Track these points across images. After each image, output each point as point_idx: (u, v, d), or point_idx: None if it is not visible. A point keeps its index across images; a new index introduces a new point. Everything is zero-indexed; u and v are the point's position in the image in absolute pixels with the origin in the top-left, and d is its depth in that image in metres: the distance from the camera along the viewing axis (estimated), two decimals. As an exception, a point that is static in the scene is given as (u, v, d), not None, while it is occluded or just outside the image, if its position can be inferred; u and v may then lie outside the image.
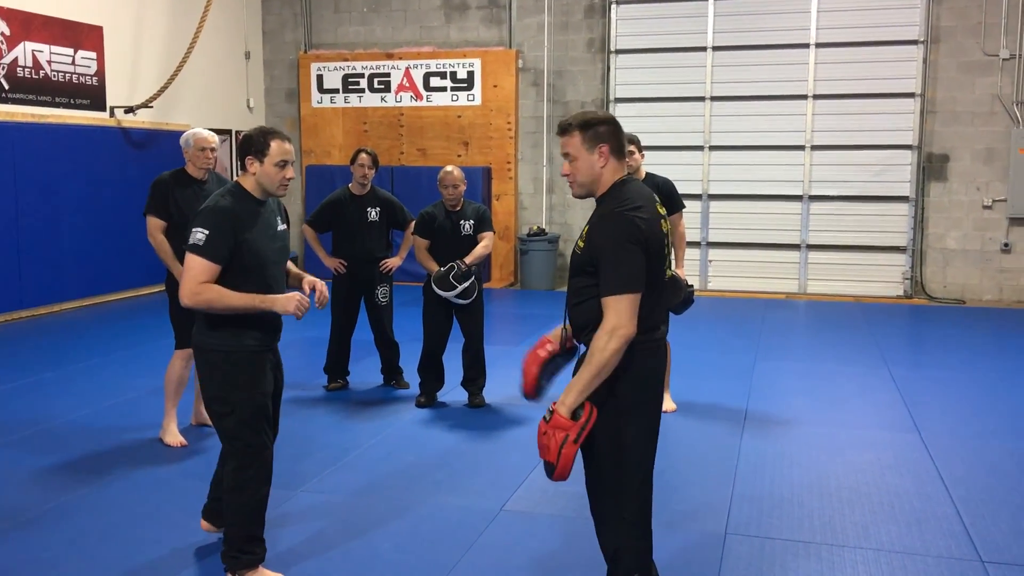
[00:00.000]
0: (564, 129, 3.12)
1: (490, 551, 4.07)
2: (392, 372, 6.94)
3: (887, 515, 4.50)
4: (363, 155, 6.67)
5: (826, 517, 4.47)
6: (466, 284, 6.03)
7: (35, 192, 9.69)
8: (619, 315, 2.91)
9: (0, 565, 3.89)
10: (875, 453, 5.44)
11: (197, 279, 3.49)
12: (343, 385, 6.88)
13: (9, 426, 5.85)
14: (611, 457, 3.10)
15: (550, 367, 3.34)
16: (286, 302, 3.61)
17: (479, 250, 6.25)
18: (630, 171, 6.03)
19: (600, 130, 3.06)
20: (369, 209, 6.72)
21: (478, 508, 4.54)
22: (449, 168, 6.31)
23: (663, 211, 3.17)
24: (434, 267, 6.18)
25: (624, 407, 3.05)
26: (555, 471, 2.99)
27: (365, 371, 7.17)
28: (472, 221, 6.32)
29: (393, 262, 6.82)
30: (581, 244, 3.10)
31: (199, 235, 3.49)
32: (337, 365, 6.86)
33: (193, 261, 3.50)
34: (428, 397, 6.44)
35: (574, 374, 3.16)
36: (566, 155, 3.12)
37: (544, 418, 3.04)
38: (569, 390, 2.98)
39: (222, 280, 3.52)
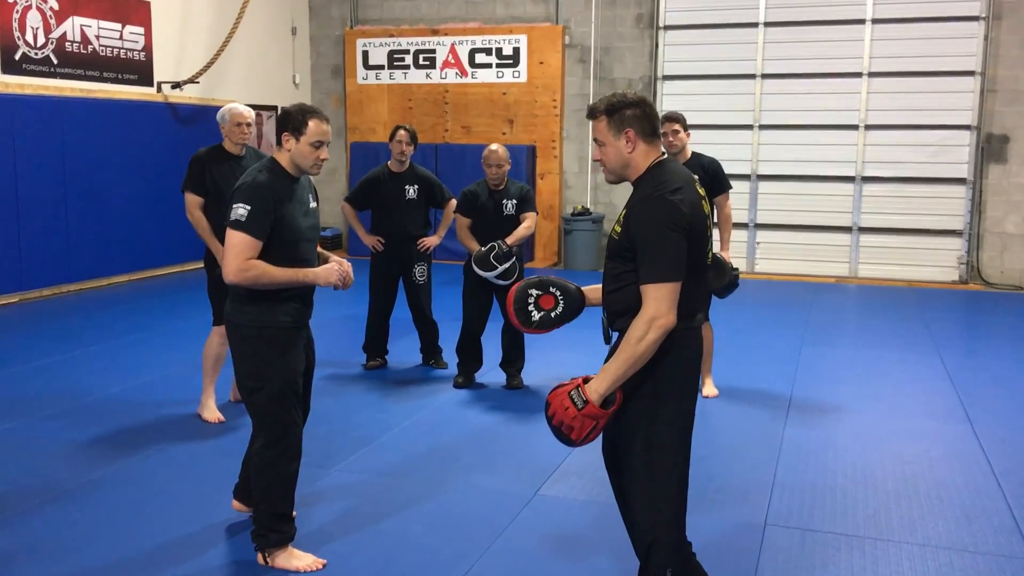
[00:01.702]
0: (591, 114, 3.03)
1: (523, 536, 4.00)
2: (431, 352, 6.89)
3: (935, 509, 4.34)
4: (401, 131, 6.60)
5: (871, 510, 4.33)
6: (507, 265, 5.94)
7: (83, 167, 9.79)
8: (658, 304, 2.81)
9: (33, 538, 3.92)
10: (924, 444, 5.26)
11: (242, 255, 3.46)
12: (381, 364, 6.85)
13: (52, 399, 5.92)
14: (647, 448, 3.00)
15: (537, 289, 3.26)
16: (327, 274, 3.61)
17: (521, 231, 6.15)
18: (675, 151, 5.94)
19: (627, 114, 2.94)
20: (407, 187, 6.66)
21: (512, 492, 4.47)
22: (494, 147, 6.20)
23: (703, 192, 3.04)
24: (475, 246, 6.10)
25: (661, 396, 2.95)
26: (575, 445, 3.00)
27: (404, 350, 7.14)
28: (515, 201, 6.22)
29: (431, 240, 6.76)
30: (618, 229, 2.99)
31: (241, 211, 3.45)
32: (376, 344, 6.83)
33: (236, 237, 3.46)
34: (466, 378, 6.38)
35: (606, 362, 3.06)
36: (595, 140, 3.03)
37: (574, 402, 2.94)
38: (603, 378, 2.89)
39: (259, 256, 3.49)
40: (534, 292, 3.27)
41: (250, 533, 3.75)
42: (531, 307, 3.28)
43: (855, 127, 11.48)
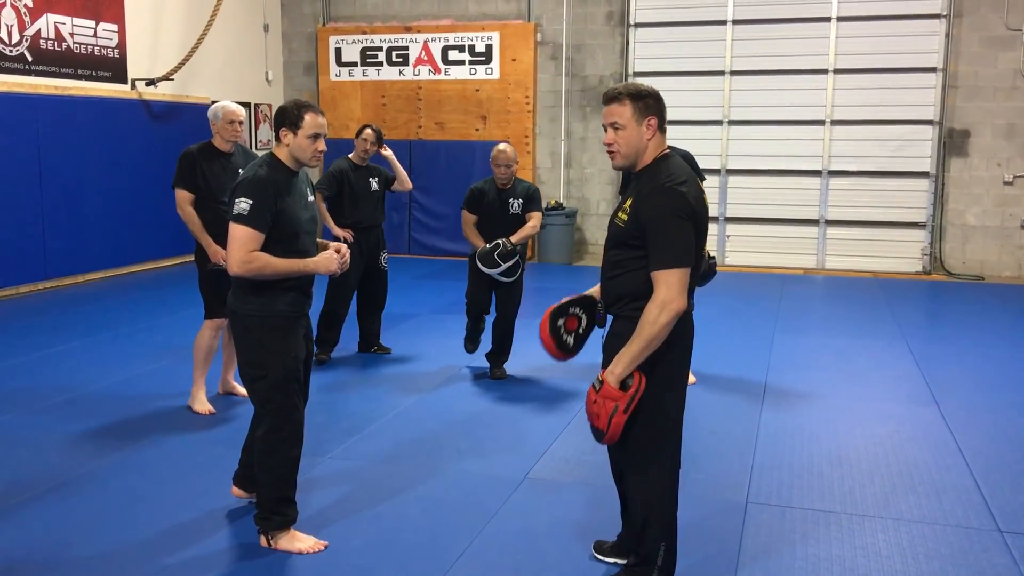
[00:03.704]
0: (614, 97, 3.07)
1: (516, 517, 4.15)
2: (375, 339, 7.10)
3: (906, 486, 4.55)
4: (368, 131, 6.81)
5: (846, 487, 4.53)
6: (510, 263, 6.09)
7: (58, 164, 9.78)
8: (670, 289, 2.95)
9: (37, 527, 4.00)
10: (894, 426, 5.49)
11: (245, 248, 3.57)
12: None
13: (40, 393, 5.96)
14: (650, 426, 3.16)
15: (560, 317, 3.34)
16: (327, 263, 3.75)
17: (526, 229, 6.27)
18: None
19: (650, 102, 3.06)
20: (371, 179, 6.90)
21: (503, 476, 4.62)
22: (502, 146, 6.31)
23: (703, 186, 3.20)
24: (480, 243, 6.23)
25: (664, 377, 3.11)
26: (605, 437, 3.10)
27: (389, 340, 7.24)
28: (521, 200, 6.34)
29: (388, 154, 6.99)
30: (623, 217, 3.10)
31: (244, 204, 3.56)
32: (332, 339, 6.89)
33: (239, 231, 3.57)
34: (475, 343, 6.66)
35: (604, 345, 3.22)
36: (612, 124, 3.08)
37: (594, 387, 3.10)
38: (618, 360, 3.03)
39: (261, 249, 3.61)
40: (560, 321, 3.36)
41: (253, 517, 3.86)
42: (564, 335, 3.35)
43: (821, 122, 11.75)
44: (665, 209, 2.98)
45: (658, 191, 3.02)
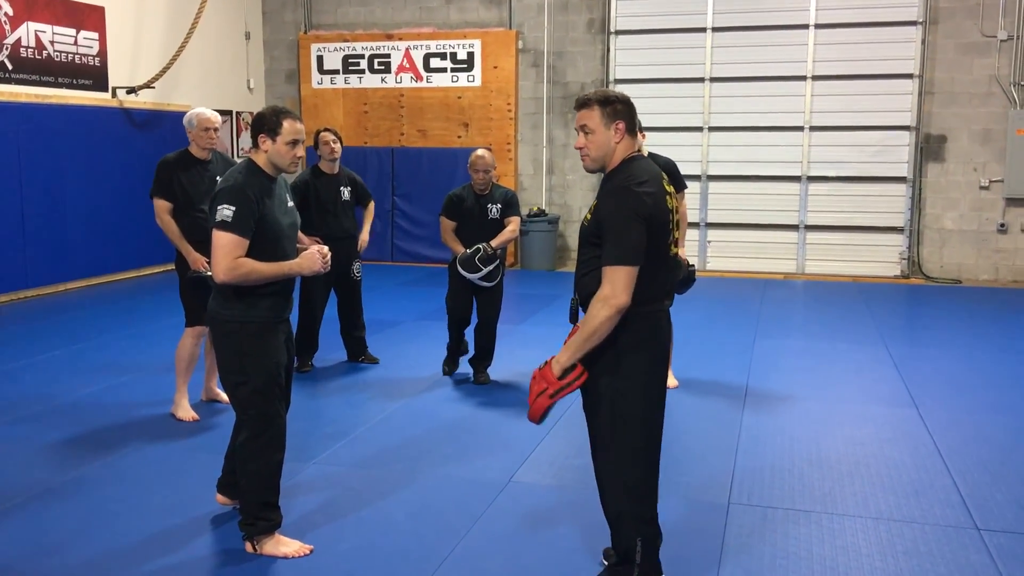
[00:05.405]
0: (584, 103, 3.21)
1: (500, 519, 4.17)
2: (362, 349, 7.05)
3: (886, 486, 4.61)
4: (325, 133, 6.73)
5: (826, 488, 4.58)
6: (491, 267, 6.12)
7: (39, 172, 9.74)
8: (614, 285, 3.04)
9: (20, 535, 3.98)
10: (874, 427, 5.55)
11: (231, 255, 3.58)
12: (311, 368, 6.86)
13: (23, 402, 5.94)
14: (611, 422, 3.24)
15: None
16: (311, 263, 3.78)
17: (506, 234, 6.29)
18: (634, 151, 6.18)
19: (618, 107, 3.18)
20: (343, 188, 6.79)
21: (487, 479, 4.64)
22: (480, 152, 6.33)
23: (670, 188, 3.26)
24: (460, 249, 6.25)
25: (626, 374, 3.18)
26: (530, 414, 3.25)
27: (373, 347, 7.25)
28: (499, 205, 6.36)
29: (365, 238, 6.91)
30: (588, 217, 3.22)
31: (226, 212, 3.57)
32: (311, 347, 6.85)
33: (224, 238, 3.58)
34: (454, 364, 6.70)
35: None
36: (583, 128, 3.21)
37: (539, 366, 3.24)
38: (564, 349, 3.16)
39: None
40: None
41: (238, 523, 3.86)
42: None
43: (800, 128, 11.86)
44: (618, 208, 3.08)
45: (615, 191, 3.13)
